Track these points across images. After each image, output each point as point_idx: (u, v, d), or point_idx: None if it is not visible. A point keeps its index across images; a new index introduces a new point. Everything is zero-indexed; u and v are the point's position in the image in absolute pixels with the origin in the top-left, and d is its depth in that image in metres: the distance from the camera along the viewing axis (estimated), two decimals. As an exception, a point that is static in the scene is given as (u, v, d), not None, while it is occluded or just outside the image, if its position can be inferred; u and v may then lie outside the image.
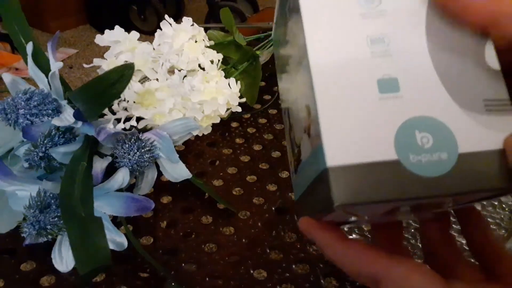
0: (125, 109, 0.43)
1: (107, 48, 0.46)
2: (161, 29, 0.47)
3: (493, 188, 0.17)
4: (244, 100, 0.52)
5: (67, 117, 0.36)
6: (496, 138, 0.18)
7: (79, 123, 0.36)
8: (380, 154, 0.17)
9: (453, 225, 0.33)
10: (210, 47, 0.51)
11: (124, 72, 0.35)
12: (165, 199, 0.44)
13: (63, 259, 0.34)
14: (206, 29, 0.52)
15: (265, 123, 0.55)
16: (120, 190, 0.37)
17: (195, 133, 0.44)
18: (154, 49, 0.46)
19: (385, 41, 0.19)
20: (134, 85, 0.42)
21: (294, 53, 0.22)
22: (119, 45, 0.45)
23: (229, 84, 0.48)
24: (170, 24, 0.47)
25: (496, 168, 0.17)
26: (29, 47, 0.38)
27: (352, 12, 0.19)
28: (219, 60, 0.50)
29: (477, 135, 0.18)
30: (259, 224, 0.41)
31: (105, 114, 0.42)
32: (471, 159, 0.17)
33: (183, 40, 0.47)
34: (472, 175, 0.17)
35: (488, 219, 0.41)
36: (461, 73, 0.18)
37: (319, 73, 0.18)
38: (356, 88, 0.18)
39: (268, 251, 0.38)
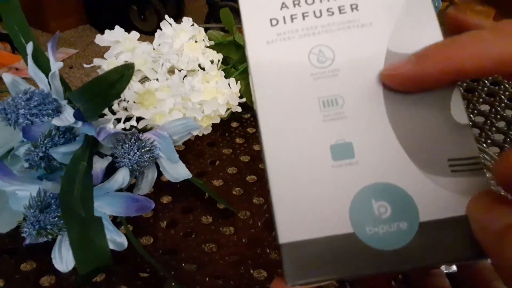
0: (125, 109, 0.43)
1: (107, 48, 0.46)
2: (161, 29, 0.47)
3: (456, 259, 0.16)
4: (244, 100, 0.52)
5: (67, 117, 0.36)
6: (461, 202, 0.16)
7: (79, 123, 0.36)
8: (334, 227, 0.16)
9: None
10: (210, 47, 0.51)
11: (124, 72, 0.35)
12: (165, 199, 0.44)
13: (63, 259, 0.34)
14: (206, 29, 0.52)
15: (265, 123, 0.55)
16: (120, 190, 0.37)
17: (195, 133, 0.44)
18: (154, 49, 0.46)
19: (339, 103, 0.17)
20: (134, 85, 0.42)
21: None
22: (119, 45, 0.45)
23: (229, 84, 0.48)
24: (170, 24, 0.47)
25: (460, 237, 0.16)
26: (29, 47, 0.38)
27: (303, 72, 0.18)
28: (219, 60, 0.50)
29: (441, 200, 0.16)
30: (259, 224, 0.41)
31: (105, 114, 0.42)
32: (434, 228, 0.16)
33: (183, 40, 0.47)
34: (434, 246, 0.16)
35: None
36: (423, 132, 0.17)
37: (270, 141, 0.17)
38: (308, 156, 0.17)
39: (268, 251, 0.38)
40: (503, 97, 0.59)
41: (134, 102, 0.43)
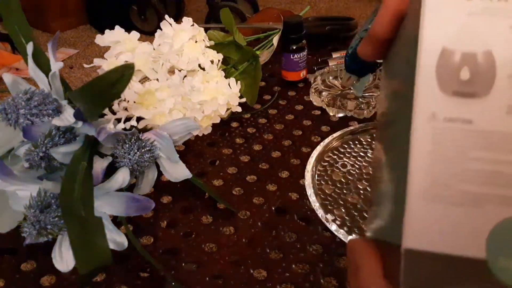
0: (126, 109, 0.43)
1: (107, 48, 0.46)
2: (161, 29, 0.47)
3: None
4: (244, 100, 0.52)
5: (67, 117, 0.36)
6: None
7: (80, 123, 0.36)
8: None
9: None
10: (210, 47, 0.51)
11: (125, 72, 0.35)
12: (165, 199, 0.44)
13: (64, 258, 0.34)
14: (206, 29, 0.52)
15: (265, 123, 0.55)
16: (120, 190, 0.37)
17: (195, 133, 0.44)
18: (154, 49, 0.47)
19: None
20: (134, 85, 0.42)
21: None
22: (119, 45, 0.45)
23: (229, 84, 0.48)
24: (171, 24, 0.48)
25: None
26: (30, 47, 0.38)
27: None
28: (219, 60, 0.50)
29: None
30: (259, 224, 0.41)
31: (106, 114, 0.42)
32: None
33: (183, 40, 0.47)
34: None
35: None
36: None
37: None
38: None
39: (268, 250, 0.38)
40: None
41: (134, 102, 0.43)
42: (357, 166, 0.46)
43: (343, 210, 0.40)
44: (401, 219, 0.16)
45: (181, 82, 0.45)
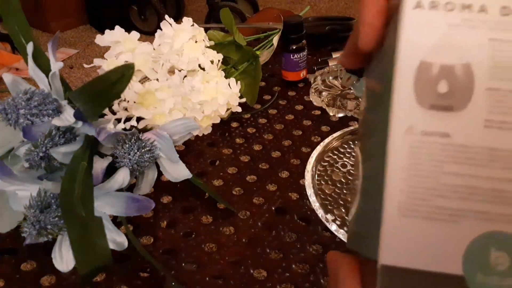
0: (126, 109, 0.43)
1: (107, 48, 0.46)
2: (161, 29, 0.47)
3: None
4: (244, 100, 0.52)
5: (67, 117, 0.36)
6: None
7: (80, 123, 0.36)
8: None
9: None
10: (210, 47, 0.51)
11: (125, 72, 0.35)
12: (165, 199, 0.44)
13: (64, 258, 0.34)
14: (206, 29, 0.52)
15: (265, 123, 0.55)
16: (120, 190, 0.37)
17: (195, 133, 0.44)
18: (154, 49, 0.47)
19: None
20: (134, 85, 0.42)
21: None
22: (119, 45, 0.45)
23: (229, 84, 0.48)
24: (170, 24, 0.48)
25: None
26: (30, 47, 0.38)
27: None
28: (219, 60, 0.50)
29: None
30: (259, 224, 0.41)
31: (106, 114, 0.42)
32: None
33: (183, 40, 0.47)
34: None
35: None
36: None
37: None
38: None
39: (268, 250, 0.38)
40: None
41: (134, 102, 0.43)
42: (357, 166, 0.46)
43: (343, 210, 0.40)
44: (377, 234, 0.16)
45: (181, 82, 0.45)
